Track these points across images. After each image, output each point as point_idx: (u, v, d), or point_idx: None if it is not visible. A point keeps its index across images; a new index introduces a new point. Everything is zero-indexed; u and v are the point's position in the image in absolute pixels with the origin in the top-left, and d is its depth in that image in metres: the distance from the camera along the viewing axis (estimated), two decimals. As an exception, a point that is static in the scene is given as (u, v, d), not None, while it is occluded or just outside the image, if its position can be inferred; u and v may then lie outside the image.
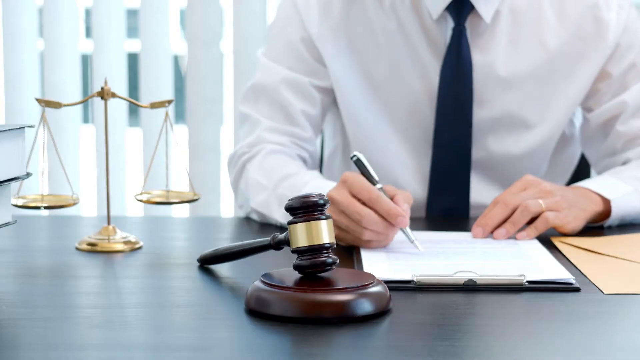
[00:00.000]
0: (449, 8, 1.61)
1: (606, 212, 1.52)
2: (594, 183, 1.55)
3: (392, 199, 1.34)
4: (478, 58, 1.64)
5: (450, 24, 1.62)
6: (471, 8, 1.61)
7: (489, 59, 1.64)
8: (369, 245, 1.33)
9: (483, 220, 1.42)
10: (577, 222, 1.45)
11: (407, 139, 1.69)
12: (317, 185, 1.50)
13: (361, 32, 1.66)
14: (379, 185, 1.35)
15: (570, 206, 1.45)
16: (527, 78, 1.65)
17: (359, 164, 1.37)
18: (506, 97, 1.66)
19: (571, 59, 1.65)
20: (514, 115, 1.67)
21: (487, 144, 1.68)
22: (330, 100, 1.72)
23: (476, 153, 1.68)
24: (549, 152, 1.72)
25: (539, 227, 1.41)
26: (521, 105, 1.67)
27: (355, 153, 1.37)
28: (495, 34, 1.64)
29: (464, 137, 1.65)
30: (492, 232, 1.41)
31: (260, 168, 1.60)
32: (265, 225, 1.56)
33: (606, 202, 1.51)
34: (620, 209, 1.52)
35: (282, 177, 1.55)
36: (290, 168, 1.58)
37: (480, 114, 1.66)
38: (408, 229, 1.32)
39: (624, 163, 1.66)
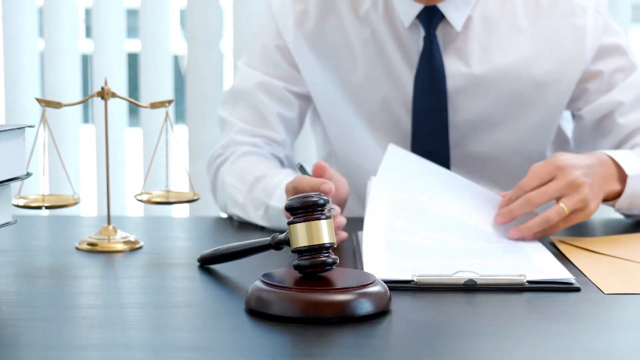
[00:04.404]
0: (419, 17, 1.61)
1: (621, 190, 1.50)
2: (619, 154, 1.52)
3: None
4: (452, 64, 1.64)
5: (422, 32, 1.63)
6: (442, 16, 1.61)
7: (463, 65, 1.64)
8: None
9: (506, 209, 1.41)
10: (595, 209, 1.43)
11: (387, 145, 1.69)
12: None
13: (337, 41, 1.67)
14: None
15: (596, 197, 1.43)
16: (501, 81, 1.65)
17: (302, 171, 1.41)
18: (482, 101, 1.66)
19: (548, 62, 1.65)
20: (491, 118, 1.67)
21: (465, 146, 1.69)
22: (308, 105, 1.74)
23: (455, 154, 1.68)
24: (537, 152, 1.71)
25: (549, 232, 1.41)
26: (498, 108, 1.66)
27: (299, 161, 1.42)
28: (467, 40, 1.64)
29: (441, 144, 1.66)
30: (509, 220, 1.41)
31: (233, 171, 1.63)
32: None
33: (624, 177, 1.49)
34: (634, 189, 1.50)
35: (254, 180, 1.57)
36: (261, 169, 1.60)
37: (457, 118, 1.66)
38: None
39: (632, 148, 1.64)
